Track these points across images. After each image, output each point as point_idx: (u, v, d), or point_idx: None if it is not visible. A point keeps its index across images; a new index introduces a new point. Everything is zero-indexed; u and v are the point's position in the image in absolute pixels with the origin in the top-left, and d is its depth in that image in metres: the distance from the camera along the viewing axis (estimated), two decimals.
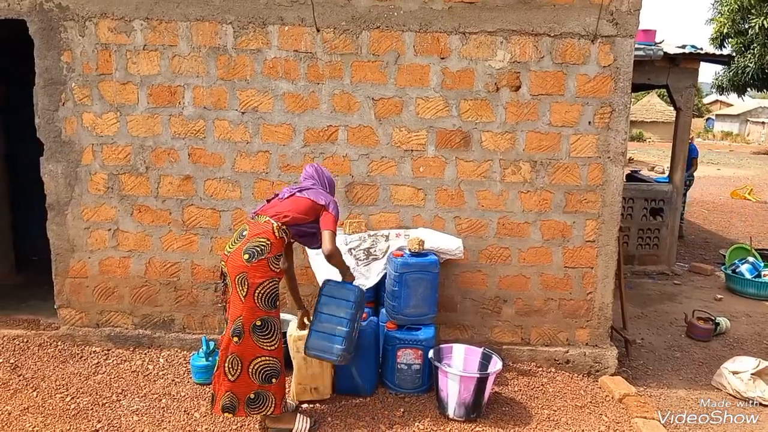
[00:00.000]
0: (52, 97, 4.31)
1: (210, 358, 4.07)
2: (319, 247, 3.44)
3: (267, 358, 3.34)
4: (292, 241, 3.53)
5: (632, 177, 9.01)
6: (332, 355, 3.52)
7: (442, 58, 4.21)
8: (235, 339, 3.27)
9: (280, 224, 3.37)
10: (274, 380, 3.38)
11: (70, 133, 4.34)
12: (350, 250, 4.17)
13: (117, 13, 4.20)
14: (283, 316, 4.18)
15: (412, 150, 4.34)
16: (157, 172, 4.38)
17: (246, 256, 3.25)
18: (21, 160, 5.78)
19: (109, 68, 4.27)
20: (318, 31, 4.19)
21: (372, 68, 4.24)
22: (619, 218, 4.43)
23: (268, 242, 3.30)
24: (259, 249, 3.27)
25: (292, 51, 4.23)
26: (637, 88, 8.46)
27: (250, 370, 3.32)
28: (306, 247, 4.18)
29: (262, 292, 3.27)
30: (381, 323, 4.13)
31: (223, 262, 3.36)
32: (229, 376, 3.30)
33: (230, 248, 3.34)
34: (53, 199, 4.42)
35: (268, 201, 3.61)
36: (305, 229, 3.47)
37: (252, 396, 3.35)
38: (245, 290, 3.24)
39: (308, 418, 3.59)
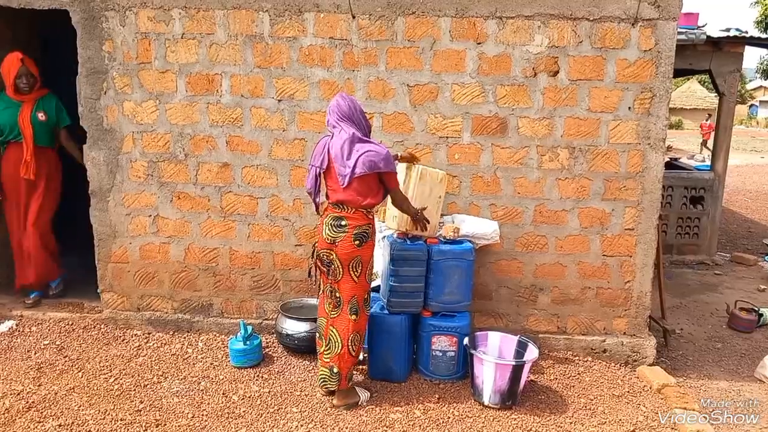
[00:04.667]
0: (94, 86, 4.40)
1: (248, 342, 4.14)
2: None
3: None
4: None
5: (671, 165, 8.80)
6: (416, 308, 4.02)
7: (479, 44, 4.17)
8: (353, 317, 3.59)
9: (370, 209, 3.58)
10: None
11: (112, 121, 4.44)
12: (385, 236, 4.17)
13: (156, 2, 4.25)
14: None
15: (447, 137, 4.31)
16: (195, 159, 4.44)
17: (357, 242, 3.50)
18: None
19: (149, 57, 4.34)
20: (353, 17, 4.19)
21: (407, 54, 4.22)
22: (659, 206, 4.34)
23: (370, 225, 3.59)
24: (365, 234, 3.54)
25: (327, 38, 4.23)
26: (679, 73, 8.24)
27: (348, 344, 3.63)
28: None
29: (369, 268, 3.65)
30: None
31: (326, 250, 3.55)
32: (352, 353, 3.63)
33: (332, 236, 3.51)
34: (96, 186, 4.53)
35: (320, 176, 3.59)
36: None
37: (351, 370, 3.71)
38: (359, 271, 3.56)
39: (366, 390, 3.81)
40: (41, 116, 4.78)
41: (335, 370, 3.60)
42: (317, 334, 3.77)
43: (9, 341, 4.43)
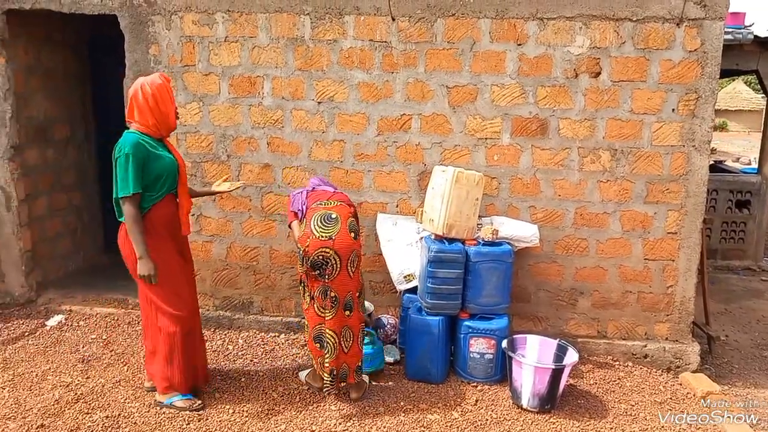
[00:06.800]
0: None
1: (373, 347, 4.04)
2: None
3: (364, 323, 3.75)
4: None
5: (716, 168, 8.59)
6: (453, 310, 4.02)
7: (519, 45, 4.15)
8: (347, 312, 3.60)
9: (353, 210, 3.75)
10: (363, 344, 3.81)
11: None
12: (422, 238, 4.18)
13: (200, 6, 4.35)
14: None
15: (486, 138, 4.30)
16: (237, 160, 4.53)
17: (352, 235, 3.58)
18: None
19: (193, 60, 4.45)
20: (393, 20, 4.21)
21: (447, 56, 4.23)
22: (704, 210, 4.25)
23: (357, 220, 3.69)
24: (356, 227, 3.65)
25: (367, 40, 4.27)
26: (724, 73, 8.04)
27: (359, 339, 3.66)
28: (378, 235, 4.28)
29: (360, 264, 3.67)
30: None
31: (326, 248, 3.46)
32: (345, 349, 3.62)
33: (326, 233, 3.49)
34: None
35: (306, 193, 3.80)
36: None
37: (359, 364, 3.70)
38: (355, 266, 3.59)
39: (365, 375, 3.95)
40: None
41: (334, 373, 3.59)
42: (318, 344, 3.62)
43: (59, 335, 4.58)
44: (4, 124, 4.78)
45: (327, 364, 3.57)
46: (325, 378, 3.61)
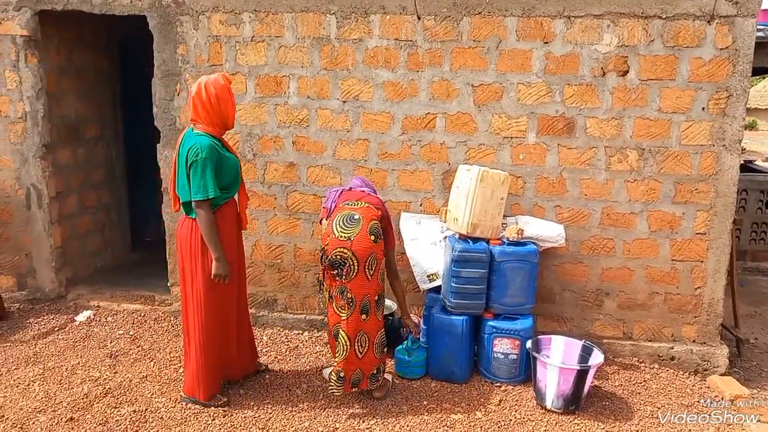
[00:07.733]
0: (168, 88, 4.58)
1: (413, 355, 4.06)
2: None
3: (382, 330, 3.68)
4: None
5: (745, 167, 8.41)
6: (477, 310, 3.99)
7: (546, 43, 4.12)
8: (363, 316, 3.55)
9: (380, 213, 3.68)
10: (385, 350, 3.72)
11: (184, 122, 4.59)
12: (447, 237, 4.17)
13: (228, 6, 4.39)
14: None
15: (511, 137, 4.28)
16: (263, 159, 4.57)
17: (372, 237, 3.52)
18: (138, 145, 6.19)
19: (220, 59, 4.49)
20: (419, 18, 4.21)
21: (472, 54, 4.21)
22: (734, 210, 4.18)
23: (380, 224, 3.62)
24: (378, 231, 3.58)
25: (392, 39, 4.27)
26: (755, 71, 7.87)
27: (374, 346, 3.60)
28: (402, 234, 4.28)
29: (382, 269, 3.64)
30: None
31: (344, 249, 3.47)
32: (358, 354, 3.56)
33: (345, 233, 3.49)
34: (168, 184, 4.71)
35: (340, 192, 3.84)
36: None
37: (374, 371, 3.63)
38: (373, 269, 3.51)
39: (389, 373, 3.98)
40: None
41: (341, 374, 3.54)
42: (336, 342, 3.63)
43: (87, 330, 4.67)
44: (37, 124, 4.88)
45: (335, 364, 3.58)
46: (331, 378, 3.59)
